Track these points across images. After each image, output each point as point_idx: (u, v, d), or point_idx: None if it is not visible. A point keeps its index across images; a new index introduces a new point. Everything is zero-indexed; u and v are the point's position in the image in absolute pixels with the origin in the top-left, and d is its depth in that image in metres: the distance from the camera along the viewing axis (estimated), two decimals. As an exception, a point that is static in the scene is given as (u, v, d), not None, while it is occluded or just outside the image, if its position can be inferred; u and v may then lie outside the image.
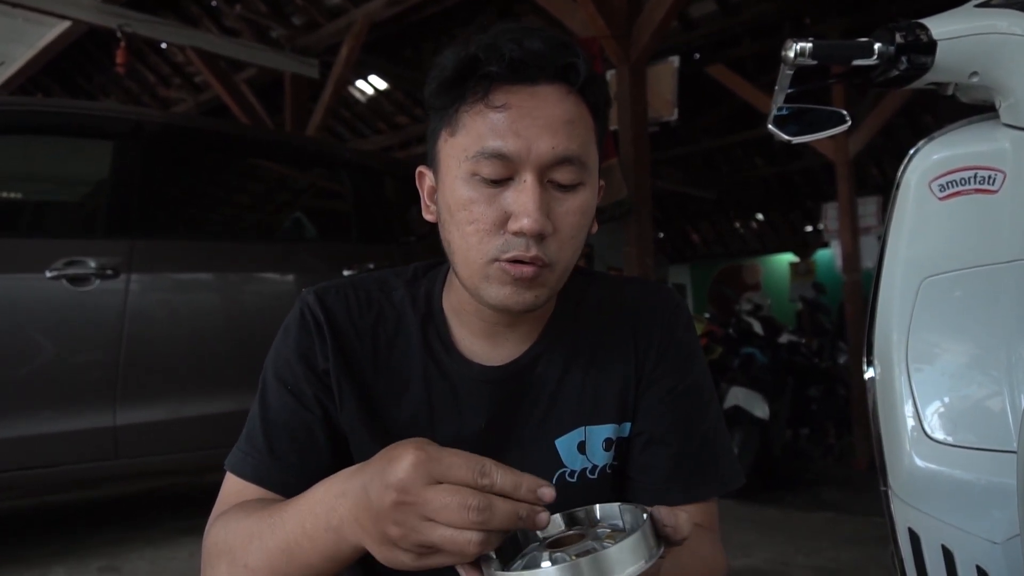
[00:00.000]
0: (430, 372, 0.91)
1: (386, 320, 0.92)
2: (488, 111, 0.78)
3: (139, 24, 5.51)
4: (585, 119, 0.82)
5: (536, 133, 0.77)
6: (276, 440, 0.85)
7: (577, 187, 0.81)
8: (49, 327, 2.77)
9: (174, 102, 8.55)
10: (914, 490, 1.31)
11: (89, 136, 3.10)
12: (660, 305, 0.96)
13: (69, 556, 2.95)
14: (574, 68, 0.80)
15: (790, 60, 1.27)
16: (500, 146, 0.77)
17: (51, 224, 3.16)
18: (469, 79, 0.79)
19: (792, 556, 2.96)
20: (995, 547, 1.21)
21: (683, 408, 0.93)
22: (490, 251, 0.79)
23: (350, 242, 3.68)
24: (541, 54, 0.79)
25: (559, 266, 0.82)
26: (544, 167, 0.78)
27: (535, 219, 0.77)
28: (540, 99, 0.79)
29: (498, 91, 0.78)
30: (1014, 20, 1.21)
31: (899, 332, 1.35)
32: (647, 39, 4.16)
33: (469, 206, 0.80)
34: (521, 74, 0.78)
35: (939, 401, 1.31)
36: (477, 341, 0.91)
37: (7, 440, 2.63)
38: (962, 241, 1.31)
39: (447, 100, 0.82)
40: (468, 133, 0.79)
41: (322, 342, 0.88)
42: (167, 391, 3.01)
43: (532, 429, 0.91)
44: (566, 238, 0.81)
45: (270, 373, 0.90)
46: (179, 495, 4.31)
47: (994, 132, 1.29)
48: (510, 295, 0.81)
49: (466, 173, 0.80)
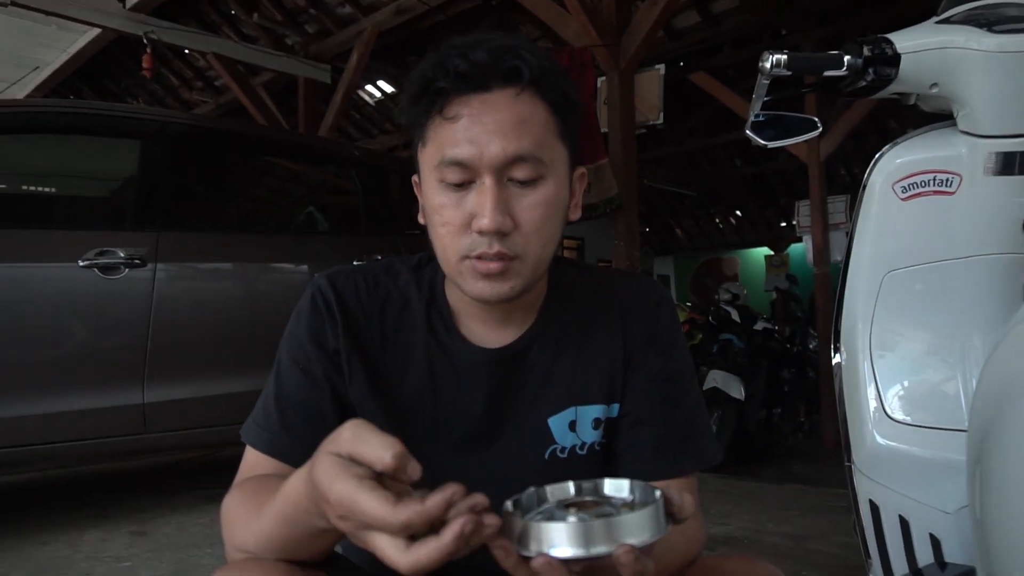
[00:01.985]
0: (433, 351, 0.91)
1: (392, 302, 0.92)
2: (445, 123, 0.79)
3: (164, 31, 5.49)
4: (540, 116, 0.81)
5: (487, 138, 0.78)
6: (288, 416, 0.86)
7: (537, 181, 0.81)
8: (82, 312, 2.77)
9: (196, 104, 8.51)
10: (875, 465, 1.32)
11: (118, 136, 3.09)
12: (646, 296, 0.96)
13: (102, 521, 2.96)
14: (518, 70, 0.80)
15: (766, 71, 1.27)
16: (456, 153, 0.78)
17: (83, 217, 3.15)
18: (426, 95, 0.81)
19: (764, 524, 2.98)
20: (947, 516, 1.22)
21: (666, 391, 0.93)
22: (461, 249, 0.80)
23: (359, 234, 3.68)
24: (485, 63, 0.79)
25: (529, 257, 0.82)
26: (498, 168, 0.78)
27: (491, 218, 0.77)
28: (490, 105, 0.79)
29: (452, 103, 0.79)
30: (971, 36, 1.22)
31: (863, 321, 1.36)
32: (635, 48, 4.16)
33: (441, 210, 0.81)
34: (471, 83, 0.79)
35: (899, 384, 1.32)
36: (476, 325, 0.92)
37: (45, 415, 2.64)
38: (922, 238, 1.32)
39: (415, 115, 0.83)
40: (433, 144, 0.81)
41: (332, 322, 0.88)
42: (191, 371, 3.01)
43: (526, 408, 0.91)
44: (531, 231, 0.81)
45: (284, 354, 0.90)
46: (201, 466, 4.32)
47: (952, 139, 1.30)
48: (484, 288, 0.81)
49: (436, 180, 0.81)
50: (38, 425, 2.64)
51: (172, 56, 7.75)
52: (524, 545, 0.58)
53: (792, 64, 1.26)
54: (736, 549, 2.64)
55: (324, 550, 0.73)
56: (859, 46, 1.25)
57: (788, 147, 5.44)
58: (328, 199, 4.16)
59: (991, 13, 1.24)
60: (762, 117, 1.36)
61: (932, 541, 1.24)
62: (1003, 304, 1.24)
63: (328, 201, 4.13)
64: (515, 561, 0.57)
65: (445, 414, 0.90)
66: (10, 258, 2.65)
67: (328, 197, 4.17)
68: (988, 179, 1.25)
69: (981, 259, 1.27)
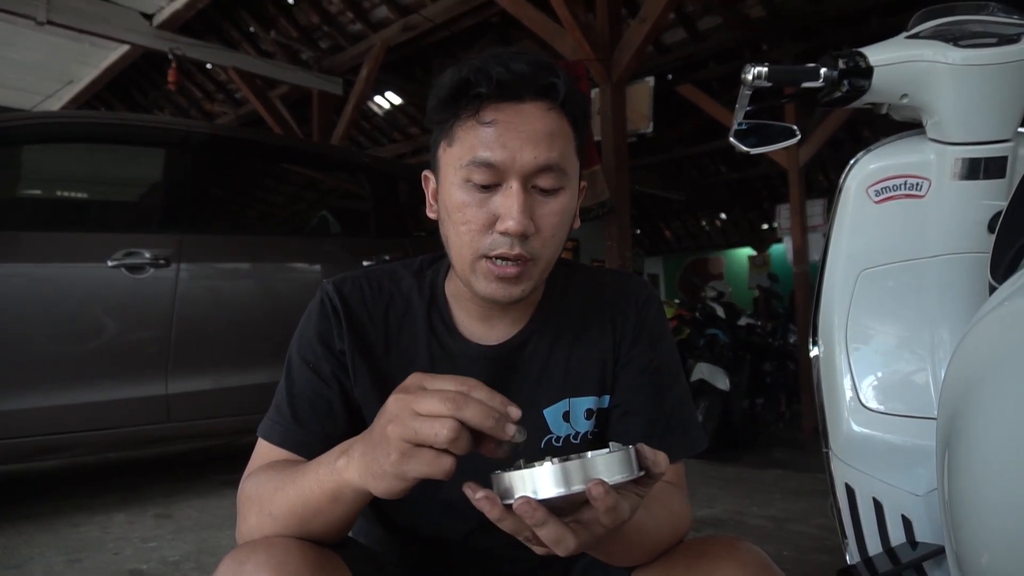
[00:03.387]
0: (434, 350, 0.90)
1: (396, 305, 0.92)
2: (479, 126, 0.78)
3: (187, 47, 5.50)
4: (565, 131, 0.81)
5: (520, 145, 0.77)
6: (300, 409, 0.85)
7: (558, 191, 0.81)
8: (110, 309, 2.77)
9: (217, 115, 8.50)
10: (851, 451, 1.32)
11: (144, 145, 3.08)
12: (634, 294, 0.96)
13: (128, 504, 2.96)
14: (555, 87, 0.80)
15: (748, 82, 1.27)
16: (489, 156, 0.77)
17: (112, 220, 3.15)
18: (463, 98, 0.79)
19: (748, 507, 2.98)
20: (918, 499, 1.22)
21: (654, 382, 0.93)
22: (480, 248, 0.80)
23: (369, 237, 3.67)
24: (525, 75, 0.78)
25: (542, 261, 0.82)
26: (527, 174, 0.78)
27: (519, 221, 0.77)
28: (525, 114, 0.78)
29: (488, 108, 0.78)
30: (938, 50, 1.22)
31: (840, 316, 1.35)
32: (626, 62, 4.16)
33: (463, 208, 0.80)
34: (508, 93, 0.78)
35: (873, 376, 1.32)
36: (475, 323, 0.91)
37: (75, 406, 2.64)
38: (894, 239, 1.32)
39: (445, 115, 0.81)
40: (462, 144, 0.79)
41: (339, 326, 0.88)
42: (211, 365, 3.01)
43: (523, 400, 0.90)
44: (548, 236, 0.81)
45: (295, 352, 0.89)
46: (222, 454, 4.32)
47: (921, 146, 1.30)
48: (497, 290, 0.81)
49: (460, 179, 0.80)
50: (69, 414, 2.64)
51: (195, 70, 7.75)
52: (508, 496, 0.58)
53: (772, 76, 1.26)
54: (721, 530, 2.64)
55: (342, 523, 0.73)
56: (834, 59, 1.25)
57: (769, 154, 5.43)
58: (340, 203, 4.15)
59: (957, 29, 1.24)
60: (745, 125, 1.36)
61: (904, 522, 1.24)
62: (970, 300, 1.23)
63: (340, 205, 4.12)
64: (500, 511, 0.58)
65: None
66: (44, 258, 2.65)
67: (340, 201, 4.17)
68: (955, 183, 1.25)
69: (949, 258, 1.26)
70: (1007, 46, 1.19)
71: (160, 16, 5.30)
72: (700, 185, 12.02)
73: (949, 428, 0.81)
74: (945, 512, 0.82)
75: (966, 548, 0.76)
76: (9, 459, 2.68)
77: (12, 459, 2.72)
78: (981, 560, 0.73)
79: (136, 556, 2.31)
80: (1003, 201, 1.19)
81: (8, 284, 2.56)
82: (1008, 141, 1.21)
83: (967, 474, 0.76)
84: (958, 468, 0.78)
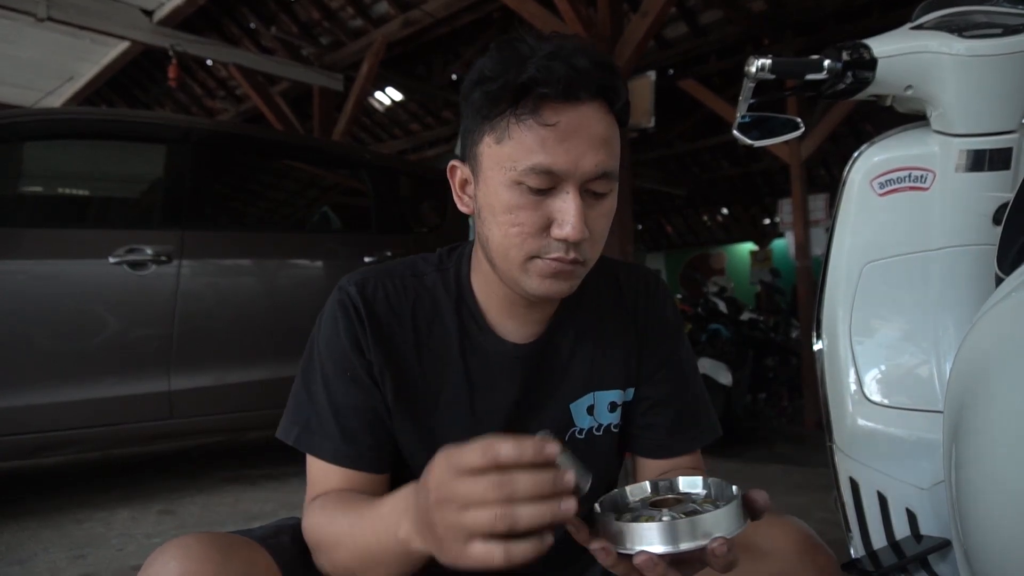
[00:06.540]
0: (467, 351, 0.88)
1: (423, 303, 0.89)
2: (538, 127, 0.73)
3: (188, 44, 5.48)
4: (617, 134, 0.79)
5: (582, 151, 0.74)
6: (346, 423, 0.83)
7: (607, 194, 0.79)
8: (112, 306, 2.77)
9: (218, 112, 8.49)
10: (855, 445, 1.32)
11: (146, 141, 3.07)
12: (650, 288, 0.97)
13: (131, 501, 2.96)
14: (615, 90, 0.77)
15: (752, 75, 1.26)
16: (551, 163, 0.73)
17: (114, 217, 3.15)
18: (521, 96, 0.74)
19: (750, 502, 2.97)
20: (923, 492, 1.22)
21: (676, 374, 0.95)
22: (531, 250, 0.77)
23: (370, 233, 3.67)
24: (587, 74, 0.74)
25: (590, 262, 0.81)
26: (587, 180, 0.75)
27: (578, 229, 0.74)
28: (585, 117, 0.74)
29: (548, 108, 0.74)
30: (943, 41, 1.21)
31: (844, 310, 1.35)
32: (628, 57, 4.14)
33: (515, 210, 0.76)
34: (568, 92, 0.73)
35: (877, 369, 1.32)
36: (505, 320, 0.89)
37: (77, 402, 2.64)
38: (898, 231, 1.31)
39: (495, 110, 0.76)
40: (517, 145, 0.74)
41: (363, 332, 0.84)
42: (213, 361, 3.00)
43: (551, 395, 0.90)
44: (597, 239, 0.79)
45: (327, 361, 0.85)
46: (224, 450, 4.32)
47: (925, 138, 1.29)
48: (551, 286, 0.79)
49: (511, 180, 0.75)
50: (72, 411, 2.64)
51: (196, 67, 7.74)
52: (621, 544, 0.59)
53: (776, 68, 1.25)
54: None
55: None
56: (838, 51, 1.25)
57: (771, 149, 5.42)
58: (341, 199, 4.15)
59: (961, 20, 1.23)
60: (748, 118, 1.35)
61: (908, 515, 1.24)
62: (975, 292, 1.23)
63: (341, 201, 4.12)
64: (615, 559, 0.59)
65: (482, 408, 0.88)
66: (46, 255, 2.65)
67: (341, 197, 4.16)
68: (960, 175, 1.24)
69: (954, 250, 1.26)
70: (1012, 36, 1.18)
71: (160, 12, 5.28)
72: (701, 180, 12.01)
73: (957, 420, 0.81)
74: (952, 504, 0.81)
75: (974, 540, 0.76)
76: (12, 455, 2.68)
77: (15, 455, 2.72)
78: (990, 551, 0.72)
79: (139, 552, 2.31)
80: (1008, 193, 1.18)
81: (10, 281, 2.57)
82: (1013, 132, 1.20)
83: (975, 466, 0.75)
84: (966, 460, 0.77)
